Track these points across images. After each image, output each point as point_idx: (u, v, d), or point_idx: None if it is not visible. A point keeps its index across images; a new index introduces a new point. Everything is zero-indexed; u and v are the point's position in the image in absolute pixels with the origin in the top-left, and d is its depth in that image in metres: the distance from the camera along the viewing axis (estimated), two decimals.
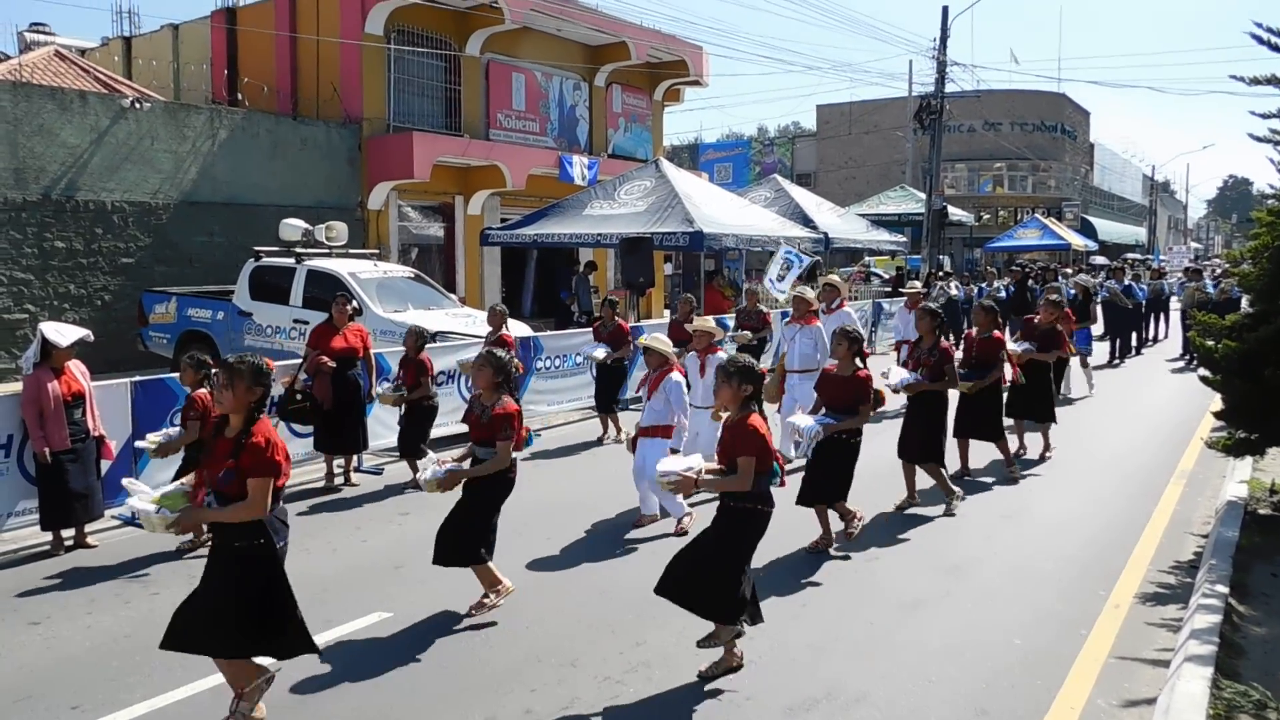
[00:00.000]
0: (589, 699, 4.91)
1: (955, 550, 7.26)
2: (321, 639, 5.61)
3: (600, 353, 11.36)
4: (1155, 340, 22.10)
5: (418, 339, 9.43)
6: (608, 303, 12.20)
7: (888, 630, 5.75)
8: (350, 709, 4.86)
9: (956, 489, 8.44)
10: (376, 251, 16.15)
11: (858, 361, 7.17)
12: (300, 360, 9.39)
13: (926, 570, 6.80)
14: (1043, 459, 10.27)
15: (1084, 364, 14.60)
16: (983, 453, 9.85)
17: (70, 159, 15.50)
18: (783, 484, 5.33)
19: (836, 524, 7.41)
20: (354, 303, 10.08)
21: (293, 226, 14.15)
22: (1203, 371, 8.47)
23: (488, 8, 20.43)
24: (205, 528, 6.07)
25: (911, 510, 8.26)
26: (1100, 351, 17.76)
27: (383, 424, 10.23)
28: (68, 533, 7.38)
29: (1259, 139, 7.97)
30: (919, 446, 8.26)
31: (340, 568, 7.00)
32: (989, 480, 9.39)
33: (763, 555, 6.91)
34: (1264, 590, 6.27)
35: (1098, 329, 18.18)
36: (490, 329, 10.55)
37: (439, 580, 6.57)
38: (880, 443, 8.88)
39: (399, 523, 8.14)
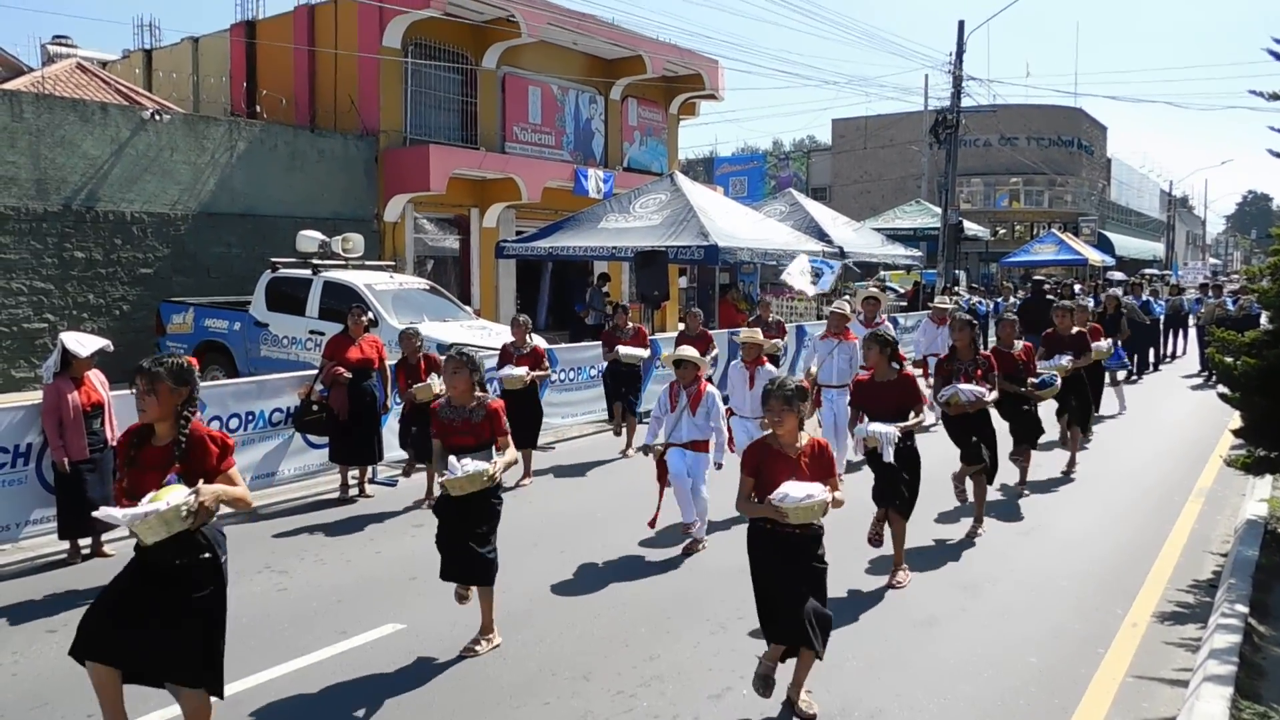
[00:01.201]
0: (602, 712, 4.90)
1: (971, 567, 7.21)
2: (335, 649, 5.65)
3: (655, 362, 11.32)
4: (1174, 356, 21.98)
5: (414, 338, 9.17)
6: (620, 308, 12.14)
7: (903, 646, 5.71)
8: None
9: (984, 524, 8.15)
10: (392, 263, 16.24)
11: (894, 365, 6.86)
12: (316, 371, 9.42)
13: (943, 586, 6.76)
14: (1068, 475, 10.19)
15: (1114, 381, 14.50)
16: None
17: (91, 170, 15.65)
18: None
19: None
20: (369, 314, 10.11)
21: (309, 238, 14.23)
22: (1222, 388, 8.41)
23: (504, 21, 20.56)
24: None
25: (926, 527, 8.20)
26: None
27: (397, 435, 10.24)
28: (85, 541, 7.43)
29: (1278, 154, 7.93)
30: (981, 451, 7.98)
31: (354, 579, 7.01)
32: (1005, 497, 9.33)
33: None
34: None
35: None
36: (514, 341, 10.36)
37: (451, 591, 6.57)
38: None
39: (413, 534, 8.14)
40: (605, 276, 22.27)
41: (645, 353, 11.35)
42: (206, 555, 4.10)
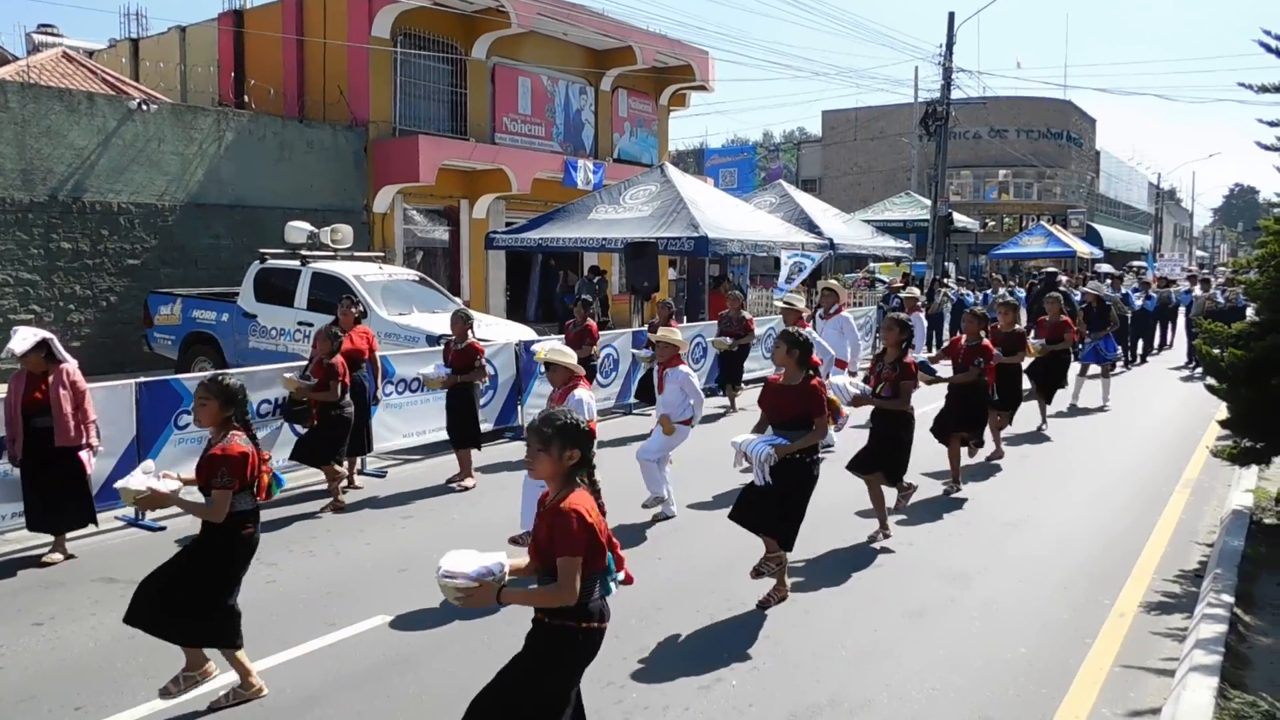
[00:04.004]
0: (592, 703, 4.87)
1: (960, 558, 7.24)
2: (324, 641, 5.64)
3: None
4: (1161, 348, 22.08)
5: (330, 340, 8.58)
6: (581, 302, 11.88)
7: (892, 638, 5.73)
8: (353, 712, 4.84)
9: (889, 529, 7.67)
10: (381, 255, 16.18)
11: (807, 370, 6.20)
12: (305, 363, 9.38)
13: (931, 578, 6.79)
14: (992, 459, 10.37)
15: (1105, 374, 14.64)
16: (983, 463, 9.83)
17: (77, 160, 15.54)
18: (629, 580, 4.00)
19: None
20: (359, 305, 10.07)
21: (298, 229, 14.18)
22: (1209, 380, 8.45)
23: (494, 11, 20.48)
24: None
25: (916, 522, 8.23)
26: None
27: (387, 427, 10.23)
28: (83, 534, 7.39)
29: (1266, 147, 7.96)
30: (876, 461, 7.60)
31: (343, 570, 6.99)
32: (992, 488, 9.37)
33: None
34: (1270, 600, 6.24)
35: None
36: (455, 337, 9.53)
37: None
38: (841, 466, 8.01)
39: (402, 526, 8.13)
40: (595, 268, 22.27)
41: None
42: None
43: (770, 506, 6.08)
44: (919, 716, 4.79)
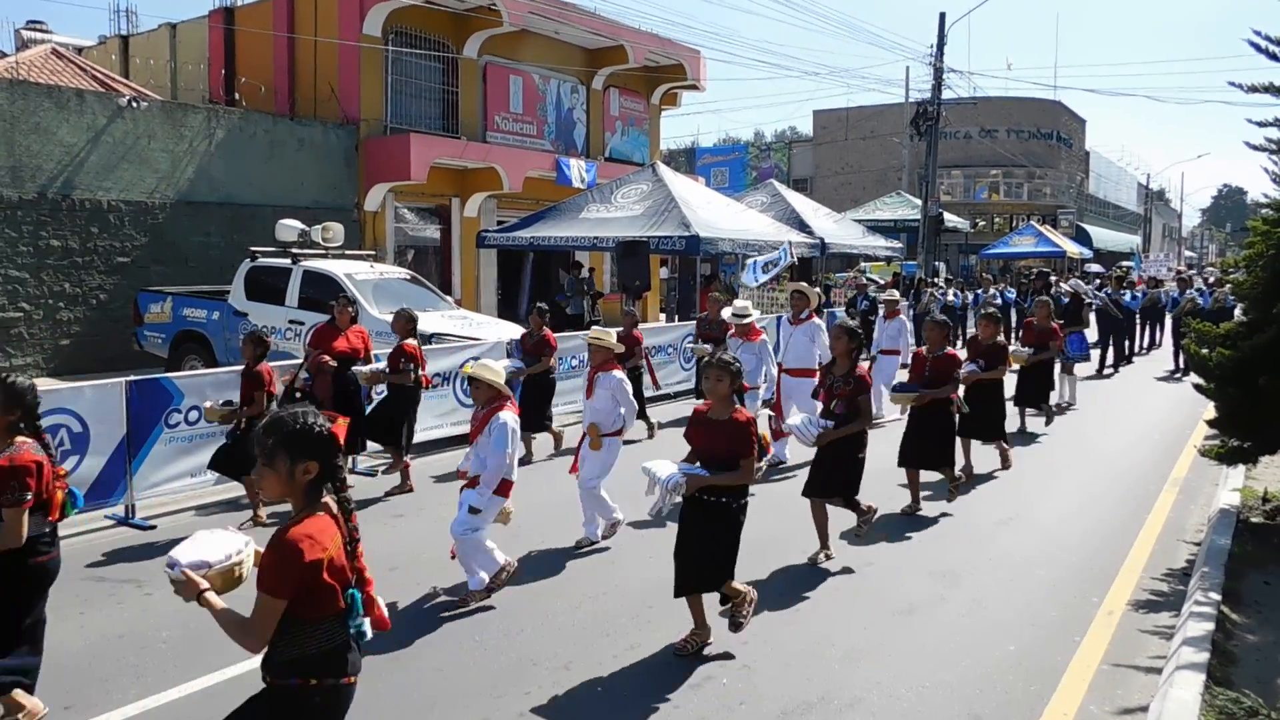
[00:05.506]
0: (583, 701, 4.91)
1: (950, 556, 7.27)
2: None
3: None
4: (1149, 348, 22.17)
5: (256, 345, 8.20)
6: (537, 310, 11.06)
7: (882, 636, 5.76)
8: None
9: (830, 550, 7.11)
10: (373, 253, 16.16)
11: (736, 403, 5.48)
12: (300, 360, 9.40)
13: (921, 576, 6.81)
14: (1004, 467, 10.01)
15: (1069, 371, 14.35)
16: (980, 460, 9.85)
17: (66, 158, 15.48)
18: (382, 624, 3.54)
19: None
20: (354, 305, 10.04)
21: (289, 227, 14.15)
22: (1196, 379, 8.48)
23: (486, 10, 20.47)
24: None
25: (906, 516, 8.26)
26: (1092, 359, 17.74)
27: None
28: None
29: (1255, 147, 7.99)
30: (831, 484, 7.02)
31: None
32: (983, 487, 9.40)
33: (757, 562, 6.93)
34: (1256, 598, 6.29)
35: (1090, 336, 17.81)
36: (398, 337, 9.45)
37: (434, 581, 6.57)
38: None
39: (393, 525, 8.13)
40: (578, 264, 22.28)
41: (511, 366, 10.08)
42: None
43: (704, 563, 5.39)
44: (908, 714, 4.81)
